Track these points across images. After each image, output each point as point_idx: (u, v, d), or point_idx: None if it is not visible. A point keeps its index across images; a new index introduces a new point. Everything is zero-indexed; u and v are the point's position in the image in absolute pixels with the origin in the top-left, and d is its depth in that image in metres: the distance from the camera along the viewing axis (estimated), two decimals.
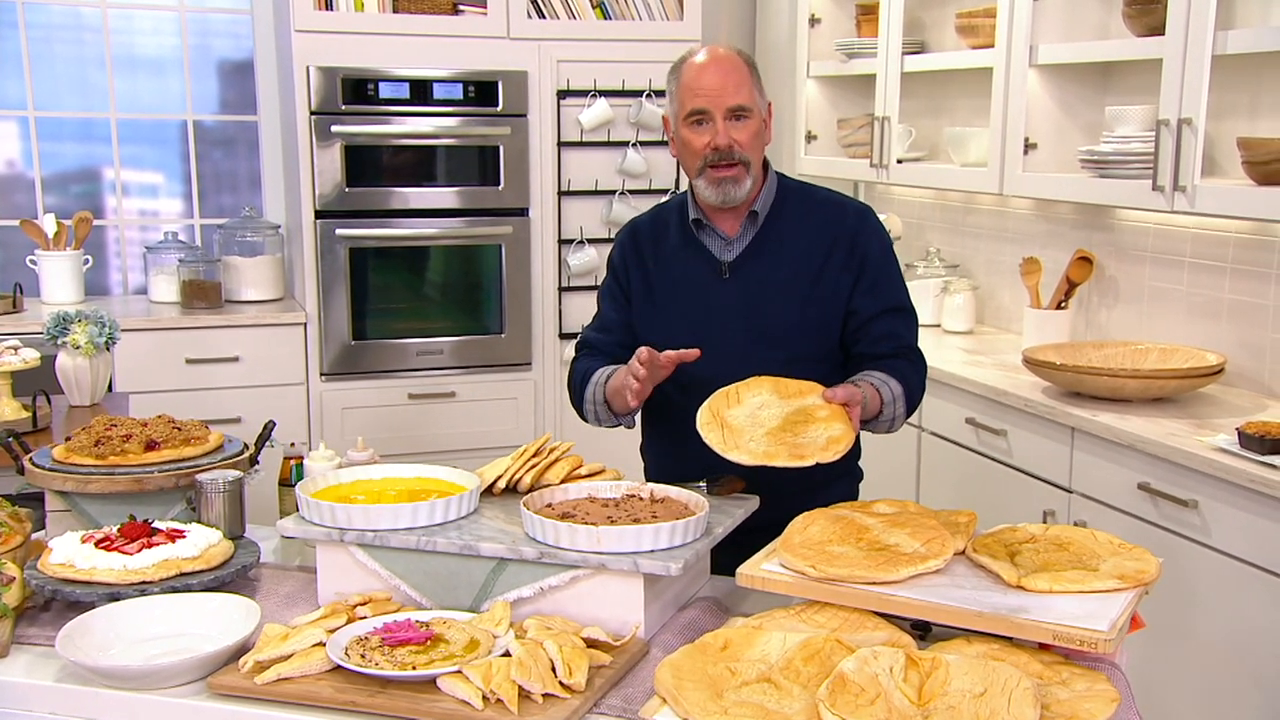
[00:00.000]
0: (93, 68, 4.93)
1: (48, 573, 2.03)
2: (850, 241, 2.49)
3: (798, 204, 2.54)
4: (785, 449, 2.10)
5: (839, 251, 2.49)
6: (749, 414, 2.20)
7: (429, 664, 1.75)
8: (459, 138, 4.57)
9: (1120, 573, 1.79)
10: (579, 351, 2.69)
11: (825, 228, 2.50)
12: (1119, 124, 3.57)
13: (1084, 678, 1.64)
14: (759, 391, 2.24)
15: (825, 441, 2.12)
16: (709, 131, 2.41)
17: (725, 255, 2.52)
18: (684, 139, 2.46)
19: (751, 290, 2.48)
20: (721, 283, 2.50)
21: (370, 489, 2.19)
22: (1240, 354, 3.48)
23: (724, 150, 2.40)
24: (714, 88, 2.39)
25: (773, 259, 2.49)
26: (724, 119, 2.40)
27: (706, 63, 2.42)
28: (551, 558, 1.93)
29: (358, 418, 4.57)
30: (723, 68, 2.40)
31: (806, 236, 2.50)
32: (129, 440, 2.29)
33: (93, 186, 5.04)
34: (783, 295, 2.47)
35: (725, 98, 2.39)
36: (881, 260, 2.52)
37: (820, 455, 2.09)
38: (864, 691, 1.56)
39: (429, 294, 4.77)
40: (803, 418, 2.18)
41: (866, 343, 2.48)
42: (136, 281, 5.05)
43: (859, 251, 2.49)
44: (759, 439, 2.13)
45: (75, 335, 3.43)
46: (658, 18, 4.73)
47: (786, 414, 2.19)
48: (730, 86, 2.39)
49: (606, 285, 2.69)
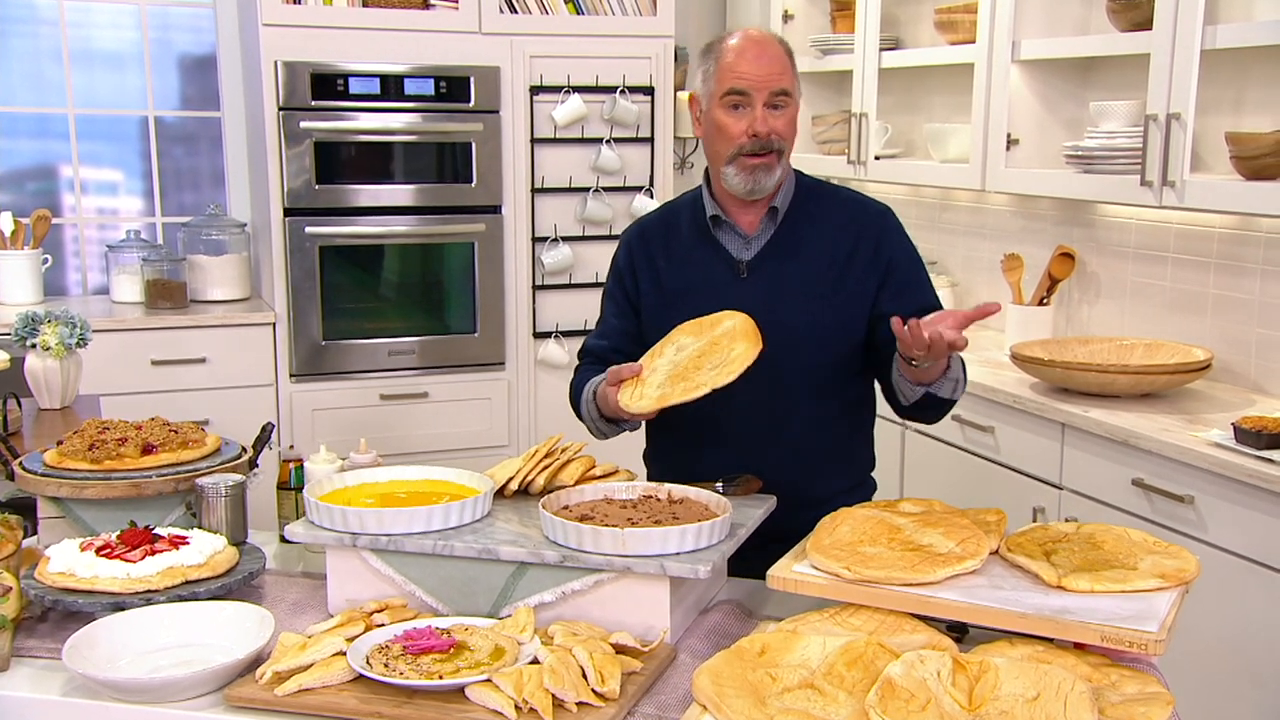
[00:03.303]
0: (49, 62, 4.80)
1: (47, 582, 1.95)
2: (875, 243, 2.40)
3: (818, 202, 2.45)
4: (679, 386, 2.06)
5: (862, 253, 2.39)
6: (668, 361, 2.16)
7: (455, 673, 1.70)
8: (430, 134, 4.50)
9: (1160, 571, 1.77)
10: (580, 360, 2.60)
11: (847, 227, 2.41)
12: (1104, 119, 3.57)
13: (1134, 680, 1.62)
14: (676, 339, 2.21)
15: (720, 367, 2.07)
16: (747, 116, 2.29)
17: (743, 254, 2.42)
18: (718, 122, 2.33)
19: (771, 291, 2.38)
20: (740, 283, 2.40)
21: (377, 492, 2.13)
22: (1224, 349, 3.49)
23: (763, 137, 2.29)
24: (757, 71, 2.28)
25: (793, 258, 2.40)
26: (764, 104, 2.29)
27: (748, 44, 2.30)
28: (574, 561, 1.88)
29: (328, 419, 4.49)
30: (766, 51, 2.30)
31: (828, 236, 2.41)
32: (124, 444, 2.21)
33: (49, 184, 4.91)
34: (804, 296, 2.38)
35: (770, 81, 2.28)
36: (908, 262, 2.44)
37: (713, 381, 2.05)
38: (914, 697, 1.53)
39: (400, 293, 4.69)
40: (709, 349, 2.13)
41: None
42: (95, 281, 4.93)
43: (884, 254, 2.40)
44: (662, 384, 2.11)
45: (45, 336, 3.32)
46: (630, 13, 4.68)
47: (698, 349, 2.14)
48: (775, 70, 2.28)
49: (609, 289, 2.59)
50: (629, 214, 4.71)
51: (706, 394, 2.08)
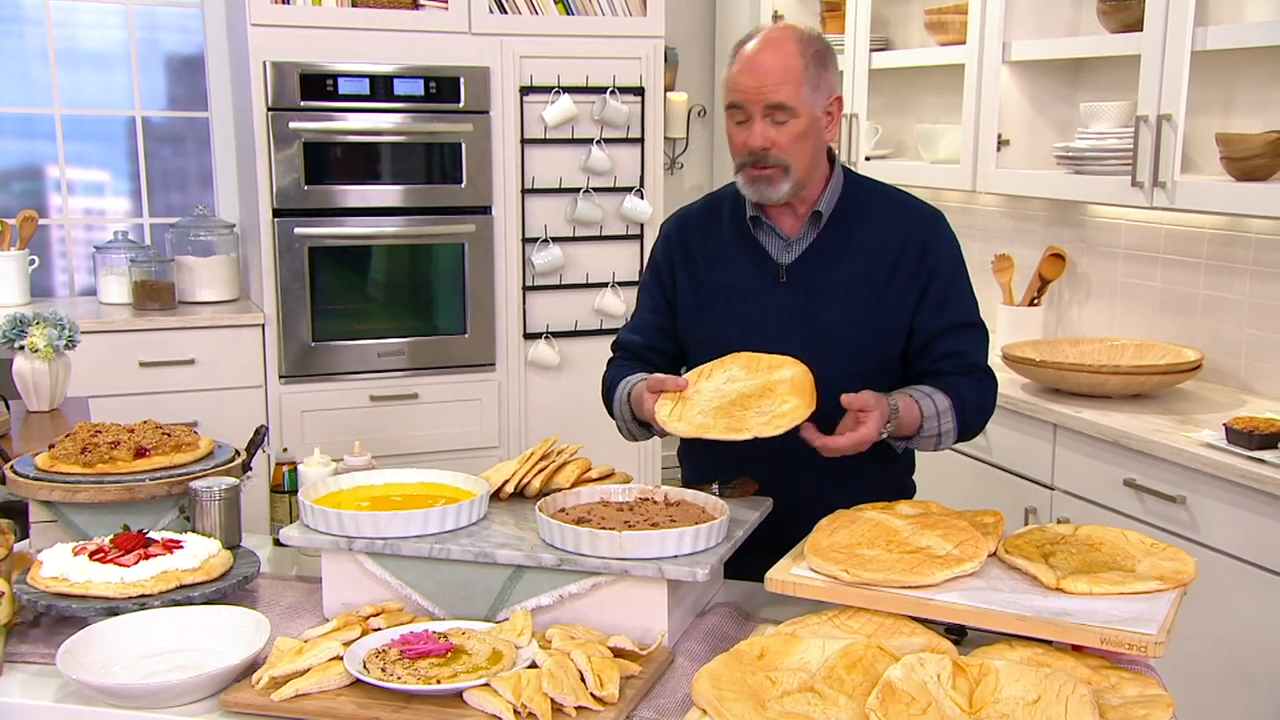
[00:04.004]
0: (35, 62, 4.77)
1: (40, 587, 1.93)
2: (921, 250, 2.29)
3: (866, 204, 2.34)
4: (724, 422, 2.03)
5: (908, 260, 2.29)
6: (715, 388, 2.12)
7: (453, 677, 1.69)
8: (420, 135, 4.48)
9: (1159, 573, 1.77)
10: (614, 352, 2.53)
11: (894, 232, 2.31)
12: (1094, 120, 3.58)
13: (1134, 682, 1.62)
14: (730, 367, 2.16)
15: (770, 416, 2.03)
16: (747, 130, 2.22)
17: (783, 257, 2.32)
18: (728, 132, 2.27)
19: (810, 297, 2.29)
20: (778, 287, 2.31)
21: (373, 495, 2.12)
22: (1214, 349, 3.50)
23: (757, 152, 2.21)
24: (752, 84, 2.18)
25: (835, 264, 2.30)
26: (761, 118, 2.19)
27: (756, 53, 2.20)
28: (572, 564, 1.87)
29: (318, 421, 4.47)
30: (768, 61, 2.18)
31: (873, 241, 2.30)
32: (117, 447, 2.19)
33: (36, 185, 4.88)
34: (844, 303, 2.28)
35: (763, 94, 2.17)
36: (951, 273, 2.32)
37: (760, 429, 2.00)
38: (914, 700, 1.52)
39: (390, 294, 4.67)
40: (762, 391, 2.09)
41: (929, 361, 2.30)
42: (82, 282, 4.90)
43: (929, 262, 2.29)
44: (707, 412, 2.06)
45: (34, 338, 3.31)
46: (620, 13, 4.67)
47: (748, 388, 2.10)
48: (770, 84, 2.17)
49: (646, 282, 2.49)
50: (619, 215, 4.70)
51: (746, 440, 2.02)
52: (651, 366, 2.42)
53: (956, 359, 2.30)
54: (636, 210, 4.70)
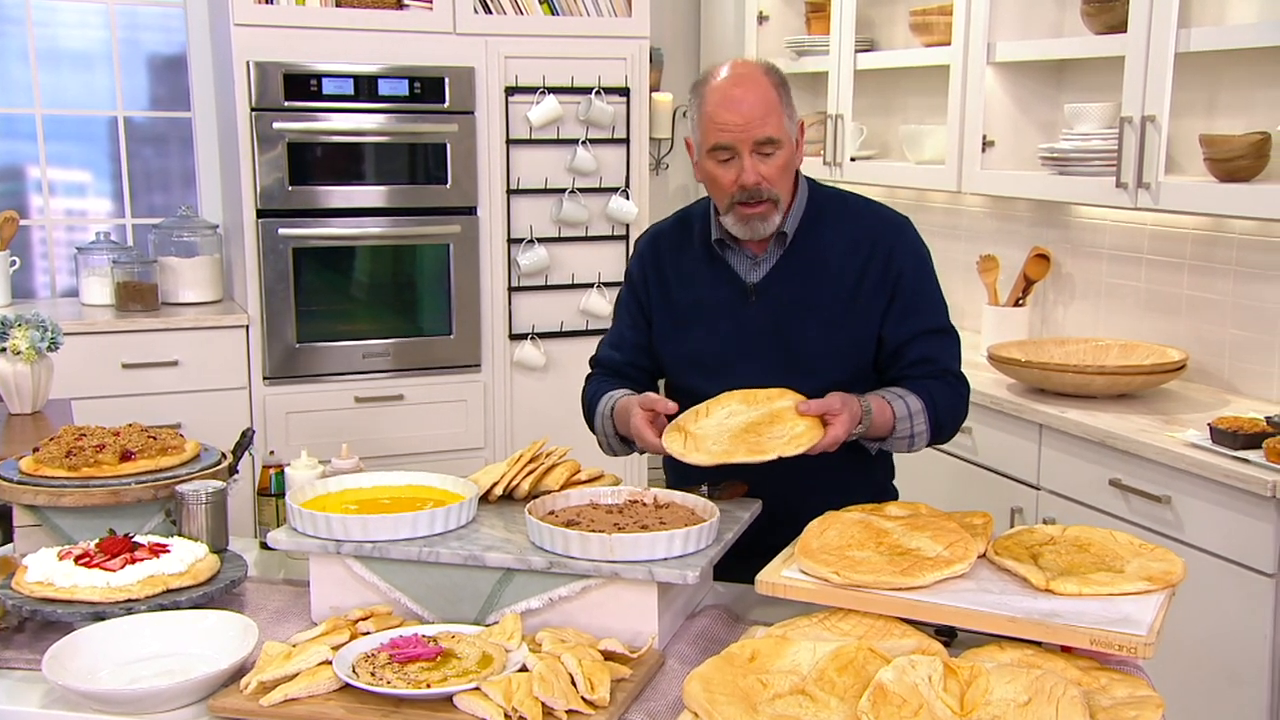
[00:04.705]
0: (15, 61, 4.74)
1: (24, 591, 1.92)
2: (886, 257, 2.30)
3: (831, 217, 2.34)
4: (744, 446, 2.04)
5: (874, 269, 2.30)
6: (718, 423, 2.13)
7: (443, 681, 1.69)
8: (405, 135, 4.47)
9: (1147, 574, 1.78)
10: (592, 369, 2.54)
11: (860, 243, 2.31)
12: (1079, 121, 3.59)
13: (1124, 683, 1.62)
14: (727, 404, 2.16)
15: (788, 438, 2.05)
16: (735, 168, 2.20)
17: (751, 276, 2.33)
18: (709, 173, 2.25)
19: (780, 315, 2.30)
20: (748, 306, 2.32)
21: (361, 498, 2.11)
22: (1198, 349, 3.51)
23: (751, 189, 2.20)
24: (739, 121, 2.16)
25: (803, 280, 2.31)
26: (750, 154, 2.19)
27: (730, 89, 2.18)
28: (561, 567, 1.86)
29: (302, 422, 4.45)
30: (749, 96, 2.17)
31: (840, 254, 2.31)
32: (102, 450, 2.18)
33: (16, 185, 4.85)
34: (814, 319, 2.29)
35: (751, 131, 2.16)
36: (917, 280, 2.33)
37: (782, 449, 2.02)
38: (906, 702, 1.52)
39: (375, 295, 4.65)
40: (769, 419, 2.10)
41: (900, 367, 2.31)
42: (63, 284, 4.87)
43: (894, 269, 2.30)
44: (721, 441, 2.07)
45: (16, 340, 3.28)
46: (605, 14, 4.66)
47: (753, 418, 2.12)
48: (756, 118, 2.16)
49: (623, 299, 2.51)
50: (605, 215, 4.70)
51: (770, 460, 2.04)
52: (631, 382, 2.44)
53: (928, 364, 2.31)
54: (622, 211, 4.69)
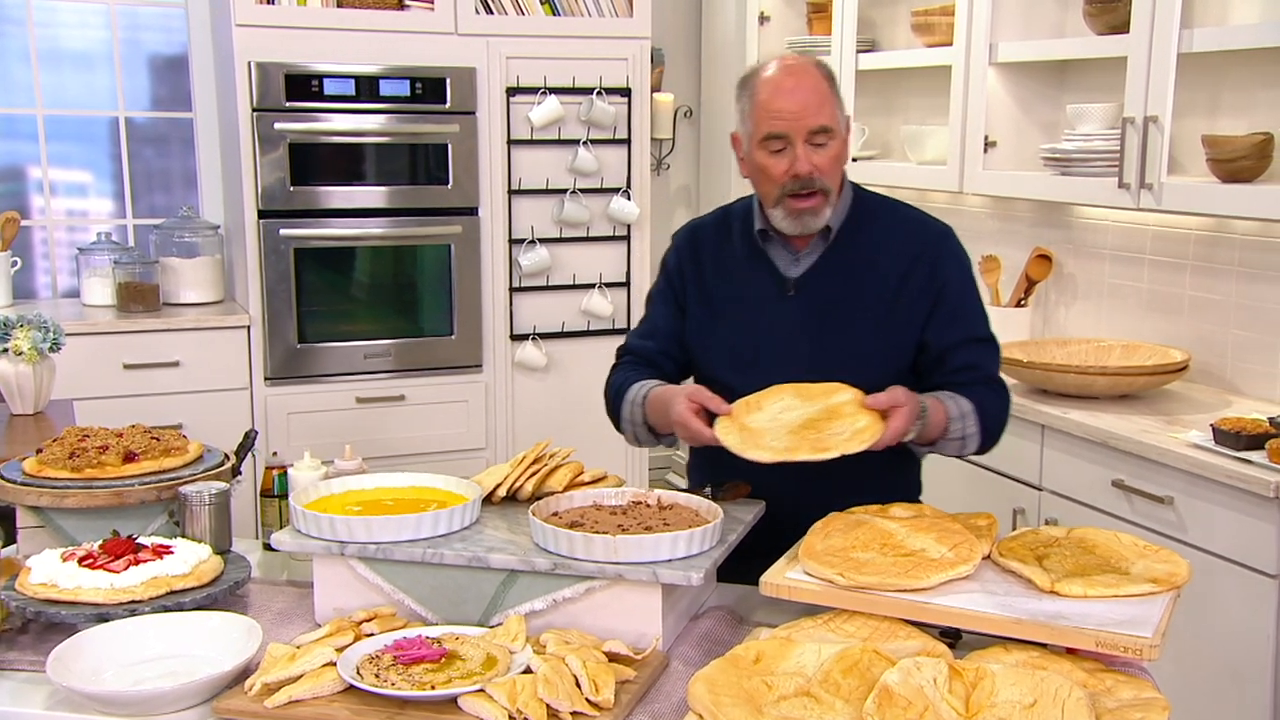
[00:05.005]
0: (16, 62, 4.74)
1: (28, 593, 1.92)
2: (931, 266, 2.28)
3: (875, 219, 2.33)
4: (807, 443, 1.98)
5: (918, 275, 2.28)
6: (770, 418, 2.07)
7: (448, 683, 1.68)
8: (406, 136, 4.47)
9: (1152, 576, 1.78)
10: (619, 359, 2.50)
11: (904, 247, 2.30)
12: (1081, 122, 3.59)
13: (1129, 685, 1.62)
14: (781, 397, 2.11)
15: (850, 434, 1.99)
16: (787, 158, 2.19)
17: (792, 271, 2.31)
18: (760, 164, 2.23)
19: (819, 311, 2.29)
20: (786, 301, 2.30)
21: (364, 499, 2.12)
22: (1200, 350, 3.51)
23: (805, 178, 2.19)
24: (793, 109, 2.17)
25: (844, 278, 2.29)
26: (804, 143, 2.18)
27: (783, 79, 2.19)
28: (565, 569, 1.86)
29: (304, 423, 4.45)
30: (802, 85, 2.18)
31: (883, 255, 2.30)
32: (105, 451, 2.18)
33: (17, 186, 4.84)
34: (853, 318, 2.28)
35: (806, 119, 2.16)
36: (961, 289, 2.31)
37: (844, 446, 1.96)
38: (911, 705, 1.52)
39: (376, 295, 4.65)
40: (828, 415, 2.05)
41: (943, 374, 2.28)
42: (65, 284, 4.87)
43: (939, 278, 2.28)
44: (780, 437, 2.02)
45: (18, 341, 3.28)
46: (607, 14, 4.66)
47: (810, 414, 2.06)
48: (811, 107, 2.17)
49: (658, 288, 2.48)
50: (606, 216, 4.69)
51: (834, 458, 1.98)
52: (662, 373, 2.41)
53: (971, 371, 2.29)
54: (623, 211, 4.69)
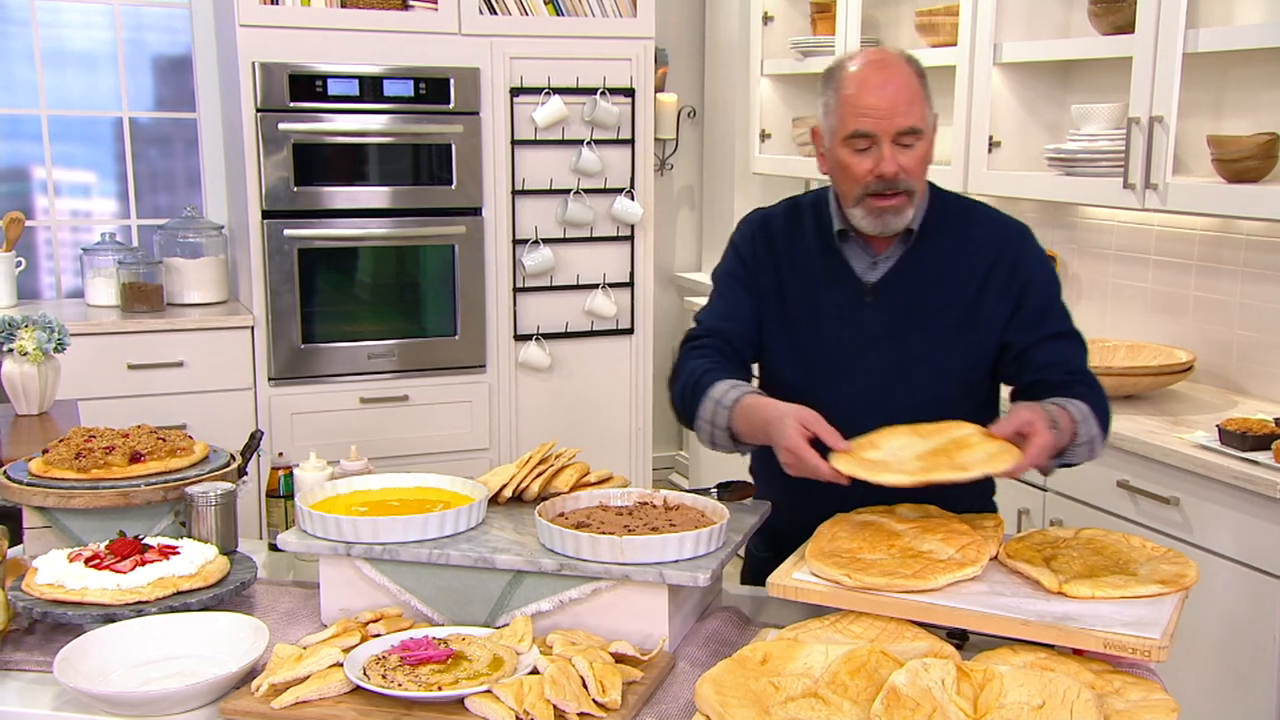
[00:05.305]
0: (21, 62, 4.75)
1: (35, 593, 1.92)
2: (1011, 265, 2.21)
3: (953, 219, 2.25)
4: (944, 464, 1.87)
5: (998, 276, 2.21)
6: (889, 454, 1.95)
7: (455, 684, 1.68)
8: (410, 136, 4.47)
9: (1160, 577, 1.77)
10: (693, 340, 2.32)
11: (984, 248, 2.23)
12: (1085, 122, 3.58)
13: (1138, 686, 1.62)
14: (897, 435, 1.99)
15: (986, 457, 1.88)
16: (872, 157, 2.10)
17: (870, 275, 2.23)
18: (842, 161, 2.15)
19: (896, 317, 2.21)
20: (864, 306, 2.22)
21: (370, 499, 2.11)
22: (1206, 350, 3.51)
23: (890, 179, 2.10)
24: (882, 107, 2.08)
25: (923, 282, 2.21)
26: (890, 143, 2.09)
27: (871, 74, 2.10)
28: (572, 569, 1.86)
29: (307, 423, 4.45)
30: (893, 82, 2.09)
31: (963, 257, 2.22)
32: (111, 452, 2.18)
33: (21, 186, 4.85)
34: (931, 324, 2.20)
35: (895, 119, 2.07)
36: (1045, 287, 2.24)
37: (986, 466, 1.85)
38: (919, 706, 1.52)
39: (380, 295, 4.65)
40: (955, 446, 1.94)
41: (1032, 372, 2.19)
42: (69, 285, 4.88)
43: (1020, 277, 2.21)
44: (906, 460, 1.90)
45: (22, 341, 3.28)
46: (610, 14, 4.66)
47: (933, 447, 1.95)
48: (901, 105, 2.08)
49: (730, 271, 2.34)
50: (609, 216, 4.69)
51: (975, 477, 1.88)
52: (740, 360, 2.29)
53: (1060, 367, 2.18)
54: (627, 211, 4.69)
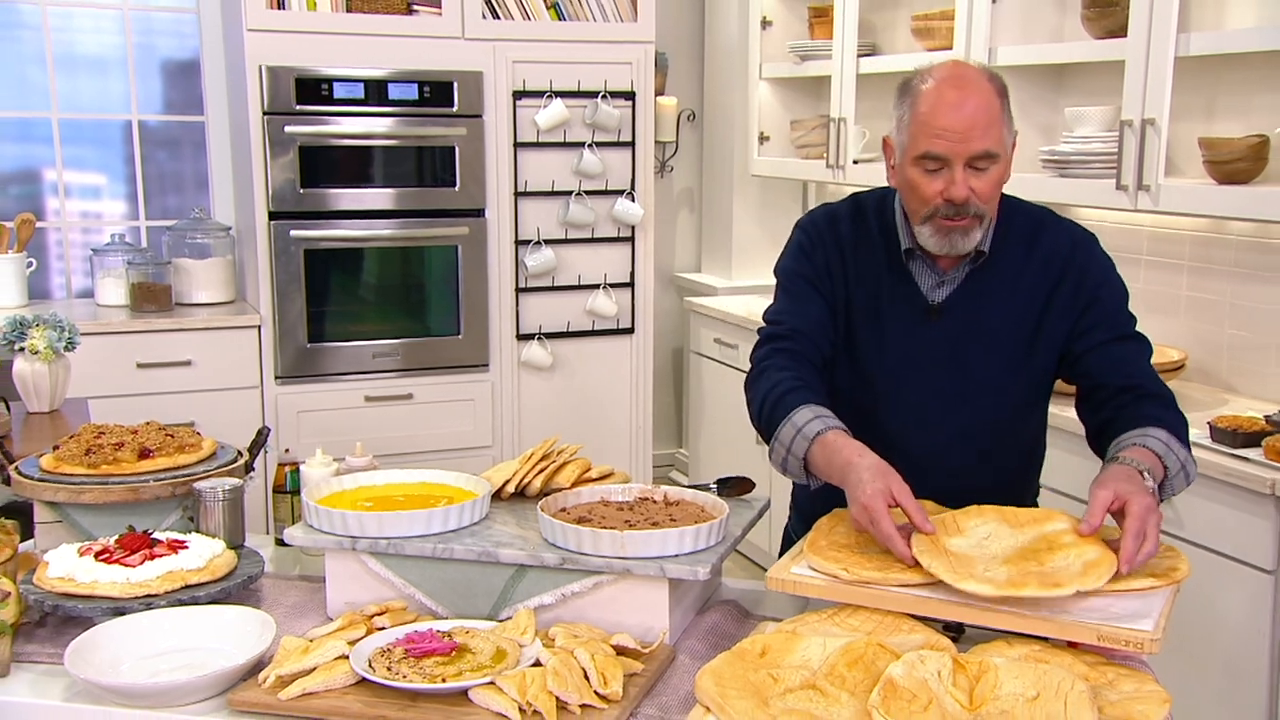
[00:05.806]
0: (32, 66, 4.80)
1: (46, 587, 1.96)
2: (1078, 278, 2.14)
3: (1020, 233, 2.16)
4: (1034, 577, 1.74)
5: (1065, 290, 2.14)
6: (974, 544, 1.86)
7: (459, 675, 1.72)
8: (414, 138, 4.52)
9: (1153, 571, 1.80)
10: (776, 341, 2.19)
11: (1050, 262, 2.15)
12: (1079, 124, 3.62)
13: (1130, 678, 1.65)
14: (984, 519, 1.92)
15: (1081, 567, 1.76)
16: (943, 179, 2.01)
17: (935, 295, 2.15)
18: (911, 180, 2.05)
19: (962, 338, 2.14)
20: (928, 326, 2.15)
21: (375, 495, 2.15)
22: (1197, 349, 3.55)
23: (960, 204, 2.02)
24: (957, 130, 1.98)
25: (989, 301, 2.14)
26: (964, 167, 2.00)
27: (949, 93, 1.99)
28: (574, 563, 1.90)
29: (313, 421, 4.50)
30: (971, 102, 1.98)
31: (1028, 273, 2.14)
32: (121, 448, 2.22)
33: (32, 188, 4.90)
34: (998, 343, 2.14)
35: (970, 143, 1.98)
36: (1112, 296, 2.17)
37: (1080, 581, 1.72)
38: (916, 697, 1.55)
39: (385, 296, 4.70)
40: (1044, 545, 1.83)
41: (1093, 377, 2.13)
42: (79, 285, 4.93)
43: (1088, 288, 2.14)
44: (994, 568, 1.78)
45: (34, 340, 3.33)
46: (612, 19, 4.71)
47: (1022, 544, 1.85)
48: (978, 129, 1.98)
49: (801, 273, 2.23)
50: (610, 217, 4.74)
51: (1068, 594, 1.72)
52: (822, 364, 2.19)
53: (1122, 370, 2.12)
54: (628, 213, 4.73)
